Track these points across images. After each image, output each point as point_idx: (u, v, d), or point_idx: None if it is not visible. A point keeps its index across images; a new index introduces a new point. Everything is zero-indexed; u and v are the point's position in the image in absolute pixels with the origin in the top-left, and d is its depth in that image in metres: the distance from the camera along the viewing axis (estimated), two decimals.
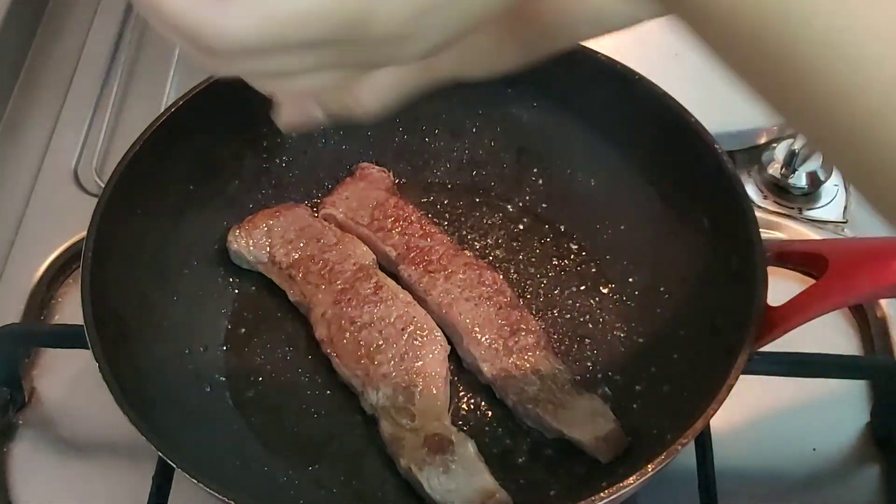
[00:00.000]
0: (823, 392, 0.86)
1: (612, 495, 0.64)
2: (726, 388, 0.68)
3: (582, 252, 0.90)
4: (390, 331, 0.81)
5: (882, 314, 0.90)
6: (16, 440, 0.84)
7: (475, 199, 0.95)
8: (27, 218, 0.98)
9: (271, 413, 0.81)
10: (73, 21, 1.16)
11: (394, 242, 0.88)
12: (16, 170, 1.03)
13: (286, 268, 0.86)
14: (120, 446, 0.83)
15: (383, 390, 0.77)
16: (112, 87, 1.09)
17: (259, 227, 0.88)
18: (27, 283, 0.92)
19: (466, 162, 0.96)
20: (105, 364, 0.69)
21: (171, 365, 0.80)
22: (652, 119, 0.86)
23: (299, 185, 0.94)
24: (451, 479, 0.73)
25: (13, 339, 0.84)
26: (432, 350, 0.80)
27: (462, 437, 0.76)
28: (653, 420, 0.77)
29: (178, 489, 0.76)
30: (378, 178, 0.92)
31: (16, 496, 0.81)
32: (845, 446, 0.84)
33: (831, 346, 0.86)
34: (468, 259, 0.87)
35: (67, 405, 0.86)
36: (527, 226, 0.93)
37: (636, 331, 0.85)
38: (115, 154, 1.01)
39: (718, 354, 0.73)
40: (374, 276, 0.85)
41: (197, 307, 0.85)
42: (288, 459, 0.78)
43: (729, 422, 0.82)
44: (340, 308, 0.83)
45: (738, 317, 0.73)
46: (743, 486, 0.82)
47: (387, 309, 0.82)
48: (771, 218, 0.98)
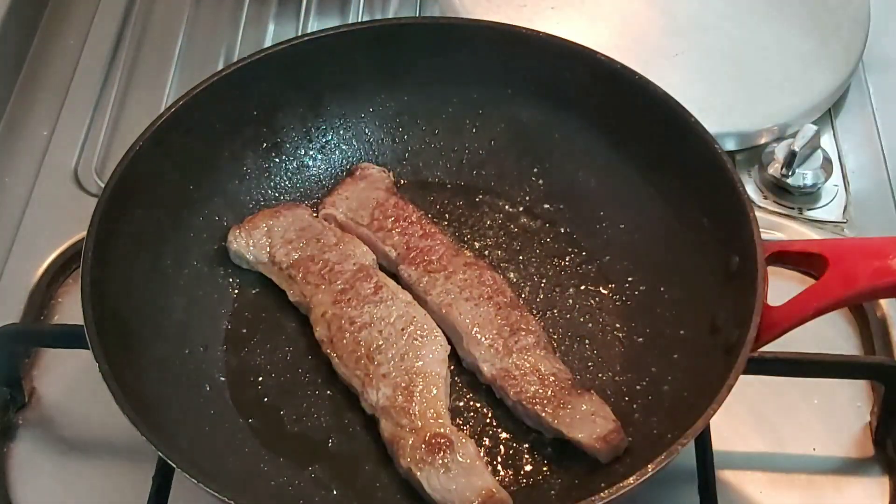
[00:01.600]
0: (823, 392, 0.86)
1: (612, 495, 0.64)
2: (726, 388, 0.68)
3: (582, 252, 0.90)
4: (390, 331, 0.81)
5: (882, 314, 0.91)
6: (16, 440, 0.84)
7: (475, 199, 0.95)
8: (27, 218, 0.98)
9: (271, 413, 0.81)
10: (73, 21, 1.17)
11: (394, 242, 0.88)
12: (16, 170, 1.03)
13: (286, 268, 0.86)
14: (120, 446, 0.83)
15: (383, 390, 0.77)
16: (112, 87, 1.09)
17: (259, 227, 0.88)
18: (27, 283, 0.93)
19: (466, 162, 0.96)
20: (105, 364, 0.69)
21: (171, 365, 0.80)
22: (652, 119, 0.86)
23: (299, 185, 0.94)
24: (451, 480, 0.73)
25: (13, 339, 0.84)
26: (432, 350, 0.80)
27: (462, 436, 0.76)
28: (653, 420, 0.77)
29: (178, 489, 0.76)
30: (378, 178, 0.93)
31: (16, 496, 0.81)
32: (845, 446, 0.84)
33: (831, 346, 0.86)
34: (468, 259, 0.87)
35: (67, 405, 0.86)
36: (527, 226, 0.93)
37: (636, 331, 0.85)
38: (115, 154, 1.01)
39: (718, 354, 0.73)
40: (374, 276, 0.85)
41: (197, 307, 0.85)
42: (288, 459, 0.78)
43: (729, 422, 0.82)
44: (340, 308, 0.83)
45: (738, 317, 0.73)
46: (743, 487, 0.82)
47: (387, 309, 0.82)
48: (771, 218, 0.98)
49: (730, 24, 1.08)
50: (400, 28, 0.93)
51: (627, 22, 1.08)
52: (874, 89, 1.10)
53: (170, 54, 1.12)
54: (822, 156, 1.01)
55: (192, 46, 1.14)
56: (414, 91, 0.95)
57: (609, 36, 1.06)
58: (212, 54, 1.13)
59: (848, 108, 1.08)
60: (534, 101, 0.93)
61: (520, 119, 0.94)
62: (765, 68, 1.05)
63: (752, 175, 1.01)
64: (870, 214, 0.99)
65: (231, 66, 0.89)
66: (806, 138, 0.98)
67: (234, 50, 1.11)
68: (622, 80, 0.87)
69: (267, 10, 1.18)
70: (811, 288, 0.71)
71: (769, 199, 1.00)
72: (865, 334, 0.91)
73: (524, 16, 1.06)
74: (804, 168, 0.99)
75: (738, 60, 1.04)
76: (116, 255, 0.78)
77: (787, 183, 0.99)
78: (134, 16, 1.16)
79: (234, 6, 1.18)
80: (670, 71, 1.01)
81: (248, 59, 0.89)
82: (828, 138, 1.04)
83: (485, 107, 0.95)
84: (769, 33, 1.07)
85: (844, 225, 0.98)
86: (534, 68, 0.91)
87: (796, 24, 1.08)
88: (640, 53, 1.00)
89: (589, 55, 0.88)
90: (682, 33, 1.07)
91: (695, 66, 1.04)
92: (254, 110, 0.91)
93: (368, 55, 0.92)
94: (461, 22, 1.00)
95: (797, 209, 0.99)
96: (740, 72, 1.03)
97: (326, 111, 0.94)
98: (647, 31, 1.08)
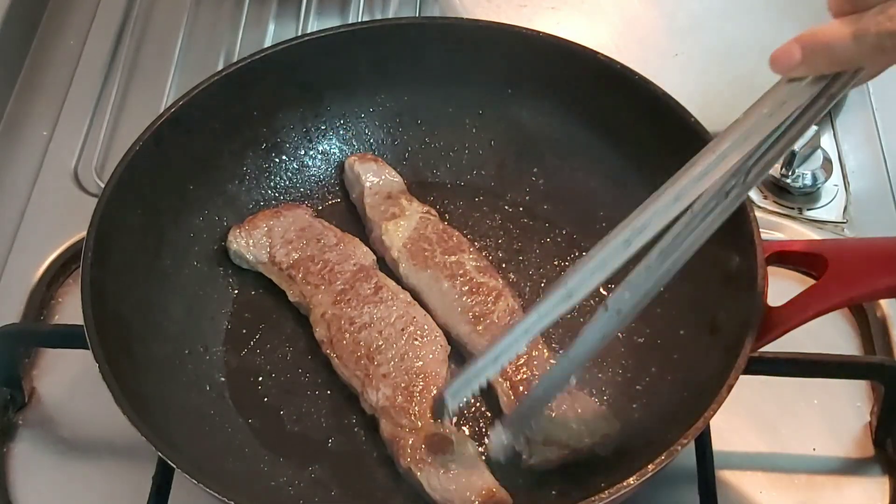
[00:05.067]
0: (823, 392, 0.86)
1: (613, 495, 0.64)
2: (726, 388, 0.68)
3: (582, 252, 0.90)
4: (390, 331, 0.81)
5: (882, 314, 0.90)
6: (16, 440, 0.84)
7: (475, 199, 0.95)
8: (27, 218, 0.98)
9: (271, 413, 0.81)
10: (73, 21, 1.17)
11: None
12: (16, 170, 1.03)
13: (286, 268, 0.86)
14: (120, 446, 0.83)
15: (383, 390, 0.77)
16: (112, 87, 1.09)
17: (259, 227, 0.88)
18: (27, 283, 0.92)
19: (466, 162, 0.96)
20: (105, 364, 0.69)
21: (171, 365, 0.80)
22: (652, 119, 0.86)
23: (299, 185, 0.94)
24: (451, 479, 0.73)
25: (13, 339, 0.84)
26: (432, 350, 0.80)
27: (462, 436, 0.76)
28: (653, 420, 0.77)
29: (178, 489, 0.76)
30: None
31: (16, 496, 0.81)
32: (845, 446, 0.84)
33: (831, 346, 0.86)
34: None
35: (67, 405, 0.86)
36: (527, 226, 0.93)
37: (636, 331, 0.85)
38: (115, 154, 1.01)
39: (718, 354, 0.73)
40: (374, 276, 0.85)
41: (197, 307, 0.85)
42: (288, 459, 0.78)
43: (729, 422, 0.82)
44: (340, 308, 0.83)
45: (738, 317, 0.73)
46: (743, 487, 0.82)
47: (387, 309, 0.82)
48: (771, 218, 0.98)
49: (730, 24, 1.07)
50: (400, 28, 0.93)
51: (627, 22, 1.08)
52: (874, 89, 1.09)
53: (170, 54, 1.12)
54: (822, 156, 1.01)
55: (192, 46, 1.14)
56: (414, 91, 0.95)
57: (609, 36, 1.06)
58: (212, 54, 1.13)
59: (848, 108, 1.08)
60: (534, 101, 0.93)
61: (520, 119, 0.94)
62: (764, 68, 1.04)
63: None
64: (870, 214, 0.99)
65: (231, 66, 0.89)
66: (806, 138, 0.98)
67: (234, 50, 1.11)
68: (622, 80, 0.87)
69: (267, 10, 1.18)
70: (811, 288, 0.71)
71: (769, 199, 1.00)
72: (865, 334, 0.91)
73: (524, 16, 1.05)
74: (804, 168, 0.99)
75: (738, 60, 1.04)
76: (116, 255, 0.78)
77: (787, 183, 0.99)
78: (134, 16, 1.16)
79: (234, 6, 1.18)
80: (670, 71, 1.01)
81: (248, 59, 0.89)
82: (828, 138, 1.04)
83: (485, 107, 0.95)
84: (769, 33, 1.07)
85: (844, 225, 0.98)
86: (534, 68, 0.91)
87: (796, 25, 1.07)
88: (640, 53, 1.00)
89: (589, 55, 0.88)
90: (682, 33, 1.07)
91: (695, 66, 1.04)
92: (254, 110, 0.91)
93: (368, 55, 0.92)
94: (461, 22, 1.00)
95: (797, 209, 0.99)
96: (740, 72, 1.03)
97: (326, 111, 0.95)
98: (647, 31, 1.07)
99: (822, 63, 0.60)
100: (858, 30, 0.56)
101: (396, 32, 0.92)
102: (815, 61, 0.60)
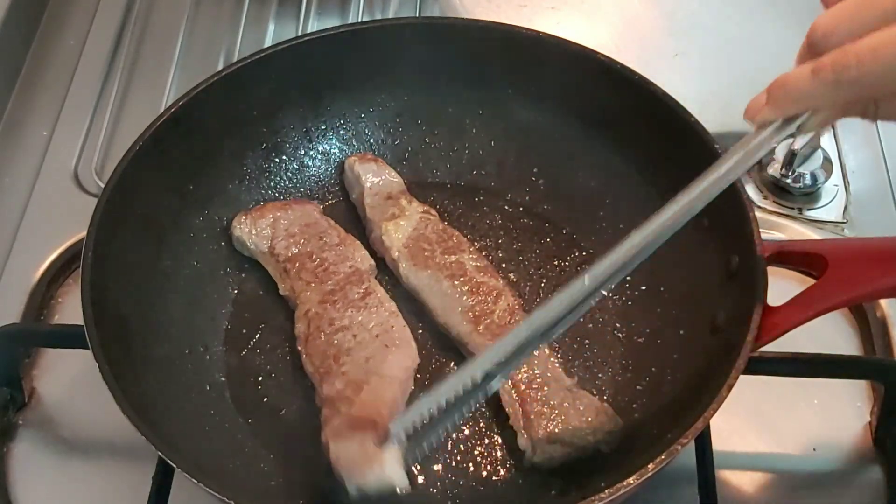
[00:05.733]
0: (823, 392, 0.86)
1: (613, 495, 0.64)
2: (726, 388, 0.68)
3: (582, 252, 0.90)
4: (364, 335, 0.80)
5: (882, 314, 0.91)
6: (16, 440, 0.84)
7: (475, 199, 0.95)
8: (27, 218, 0.98)
9: (271, 413, 0.81)
10: (73, 21, 1.17)
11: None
12: (16, 170, 1.03)
13: (283, 261, 0.86)
14: (120, 446, 0.83)
15: (336, 385, 0.76)
16: (112, 87, 1.09)
17: (266, 216, 0.88)
18: (27, 283, 0.93)
19: (466, 162, 0.96)
20: (105, 364, 0.69)
21: (171, 365, 0.80)
22: (652, 119, 0.86)
23: (299, 185, 0.94)
24: (351, 454, 0.68)
25: (13, 339, 0.84)
26: (399, 359, 0.79)
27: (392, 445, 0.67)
28: (653, 420, 0.77)
29: (178, 489, 0.76)
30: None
31: (16, 496, 0.81)
32: (845, 446, 0.84)
33: (831, 346, 0.87)
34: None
35: (67, 405, 0.86)
36: (527, 226, 0.93)
37: (636, 331, 0.85)
38: (115, 154, 1.01)
39: (718, 354, 0.73)
40: (365, 281, 0.84)
41: (197, 307, 0.85)
42: (288, 460, 0.78)
43: (729, 422, 0.82)
44: (324, 308, 0.82)
45: (738, 316, 0.73)
46: (743, 487, 0.82)
47: (369, 315, 0.82)
48: (771, 218, 0.98)
49: (730, 24, 1.08)
50: (400, 28, 0.93)
51: (627, 22, 1.08)
52: None
53: (170, 54, 1.12)
54: (822, 156, 1.01)
55: (192, 46, 1.14)
56: (414, 91, 0.95)
57: (609, 36, 1.06)
58: (212, 54, 1.13)
59: None
60: (534, 101, 0.93)
61: (520, 119, 0.94)
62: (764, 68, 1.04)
63: (752, 175, 1.01)
64: (870, 214, 0.99)
65: (231, 66, 0.89)
66: (806, 138, 0.98)
67: (234, 50, 1.11)
68: (622, 80, 0.87)
69: (267, 10, 1.18)
70: (811, 288, 0.71)
71: (769, 199, 1.00)
72: (865, 334, 0.91)
73: (524, 16, 1.06)
74: (804, 168, 1.00)
75: (738, 60, 1.04)
76: (116, 256, 0.78)
77: (787, 183, 1.00)
78: (134, 16, 1.16)
79: (234, 6, 1.18)
80: (670, 71, 1.01)
81: (248, 59, 0.89)
82: (828, 138, 1.04)
83: (485, 107, 0.95)
84: (769, 33, 1.07)
85: (844, 225, 0.98)
86: (534, 68, 0.91)
87: (796, 25, 1.08)
88: (640, 53, 1.00)
89: (589, 55, 0.88)
90: (682, 33, 1.07)
91: (695, 66, 1.04)
92: (254, 110, 0.91)
93: (368, 55, 0.92)
94: (461, 22, 1.00)
95: (797, 209, 0.99)
96: (740, 72, 1.03)
97: (326, 111, 0.95)
98: (647, 31, 1.08)
99: (784, 102, 0.62)
100: (816, 66, 0.58)
101: (396, 32, 0.92)
102: (779, 101, 0.62)
